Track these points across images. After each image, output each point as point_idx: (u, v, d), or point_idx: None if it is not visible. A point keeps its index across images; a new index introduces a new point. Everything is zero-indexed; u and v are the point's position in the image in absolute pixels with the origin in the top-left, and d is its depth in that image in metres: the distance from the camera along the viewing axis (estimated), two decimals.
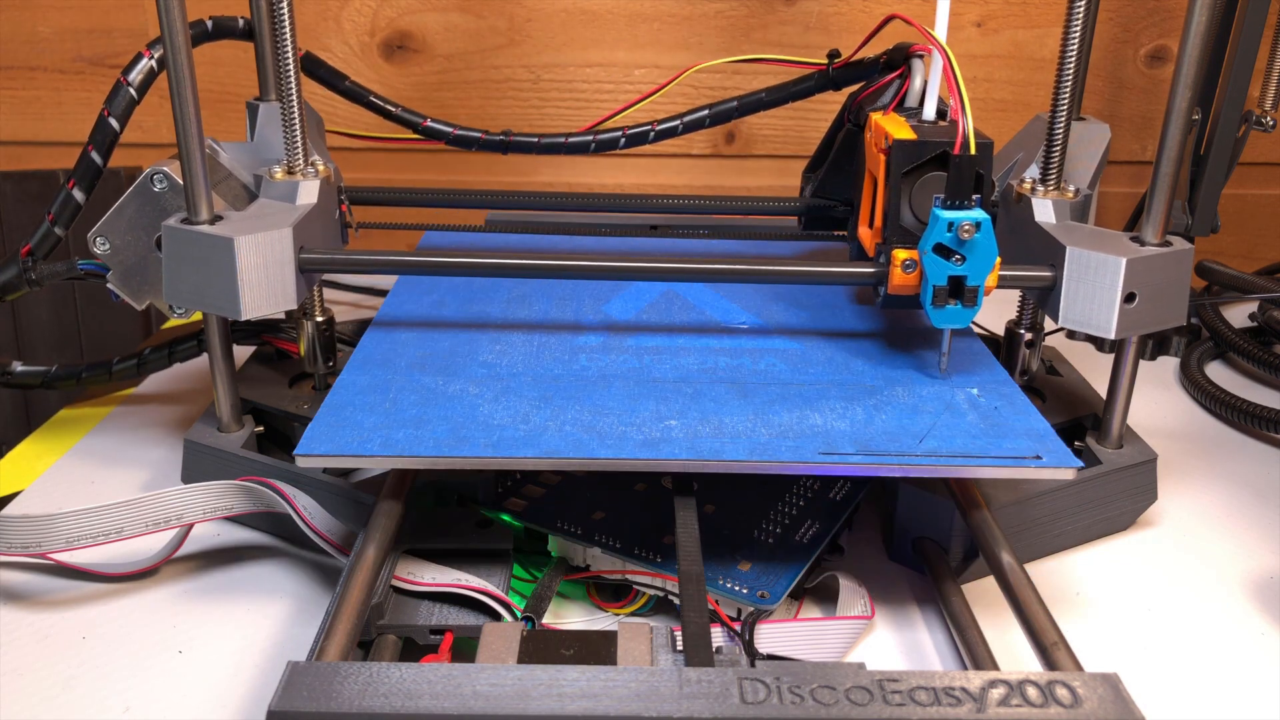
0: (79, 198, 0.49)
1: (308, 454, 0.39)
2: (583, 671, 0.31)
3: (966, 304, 0.43)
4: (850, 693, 0.31)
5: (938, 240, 0.42)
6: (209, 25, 0.52)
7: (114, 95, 0.48)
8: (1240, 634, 0.43)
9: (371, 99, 0.60)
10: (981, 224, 0.42)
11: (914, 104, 0.50)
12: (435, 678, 0.31)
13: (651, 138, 0.61)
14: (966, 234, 0.41)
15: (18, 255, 0.50)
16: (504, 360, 0.47)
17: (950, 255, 0.42)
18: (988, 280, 0.43)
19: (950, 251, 0.42)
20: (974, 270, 0.43)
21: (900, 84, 0.51)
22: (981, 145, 0.43)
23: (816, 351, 0.49)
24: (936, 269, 0.43)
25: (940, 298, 0.43)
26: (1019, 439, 0.41)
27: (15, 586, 0.44)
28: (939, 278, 0.43)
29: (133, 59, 0.49)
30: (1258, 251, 0.87)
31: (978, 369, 0.47)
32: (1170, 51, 0.81)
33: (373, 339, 0.49)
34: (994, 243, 0.42)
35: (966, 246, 0.42)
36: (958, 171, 0.42)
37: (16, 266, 0.51)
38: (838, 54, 0.57)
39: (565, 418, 0.42)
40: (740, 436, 0.41)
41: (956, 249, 0.42)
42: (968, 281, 0.43)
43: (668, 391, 0.44)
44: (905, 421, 0.42)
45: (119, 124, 0.49)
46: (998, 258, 0.43)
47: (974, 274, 0.43)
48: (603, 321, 0.52)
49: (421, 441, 0.40)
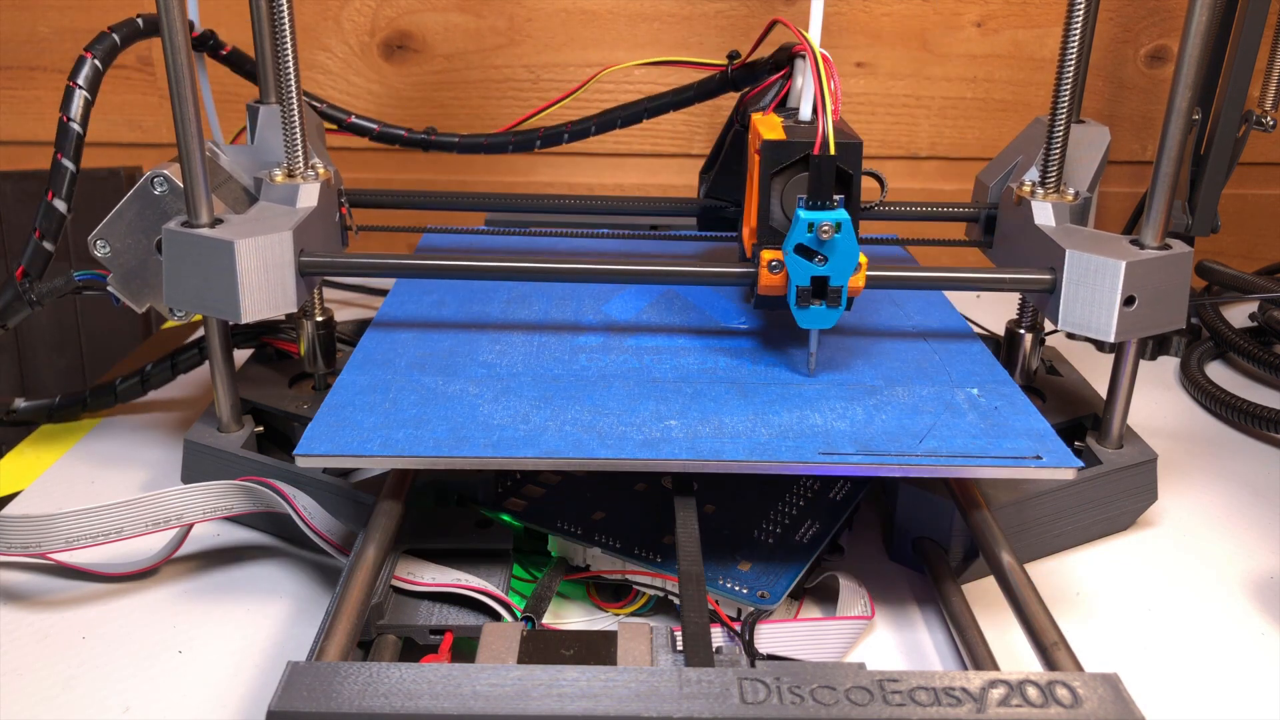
0: (61, 207, 0.49)
1: (308, 454, 0.39)
2: (582, 672, 0.31)
3: (830, 304, 0.43)
4: (850, 693, 0.31)
5: (799, 240, 0.42)
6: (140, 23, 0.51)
7: (68, 100, 0.48)
8: (1240, 634, 0.43)
9: None
10: (842, 224, 0.42)
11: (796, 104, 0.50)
12: (435, 678, 0.31)
13: (565, 139, 0.62)
14: (826, 234, 0.42)
15: (13, 279, 0.50)
16: (504, 360, 0.47)
17: (812, 256, 0.42)
18: (852, 281, 0.43)
19: (812, 252, 0.42)
20: (836, 270, 0.43)
21: (782, 85, 0.51)
22: (849, 145, 0.42)
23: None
24: (799, 269, 0.43)
25: (804, 298, 0.43)
26: (1019, 439, 0.41)
27: (15, 586, 0.44)
28: (801, 278, 0.43)
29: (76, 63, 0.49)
30: (1258, 251, 0.87)
31: (977, 369, 0.47)
32: (1170, 51, 0.81)
33: (372, 339, 0.49)
34: (855, 243, 0.42)
35: (827, 247, 0.42)
36: (817, 171, 0.42)
37: (13, 289, 0.50)
38: (737, 55, 0.57)
39: (565, 418, 0.42)
40: (740, 436, 0.41)
41: (817, 249, 0.42)
42: (831, 282, 0.43)
43: (668, 391, 0.44)
44: (905, 421, 0.42)
45: (80, 126, 0.49)
46: (861, 258, 0.43)
47: (836, 274, 0.43)
48: (603, 321, 0.52)
49: (421, 441, 0.40)
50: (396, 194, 0.60)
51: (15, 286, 0.50)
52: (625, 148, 0.83)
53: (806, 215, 0.42)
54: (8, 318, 0.50)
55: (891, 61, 0.81)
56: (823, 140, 0.42)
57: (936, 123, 0.83)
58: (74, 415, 0.57)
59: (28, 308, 0.51)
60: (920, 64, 0.81)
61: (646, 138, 0.83)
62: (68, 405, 0.57)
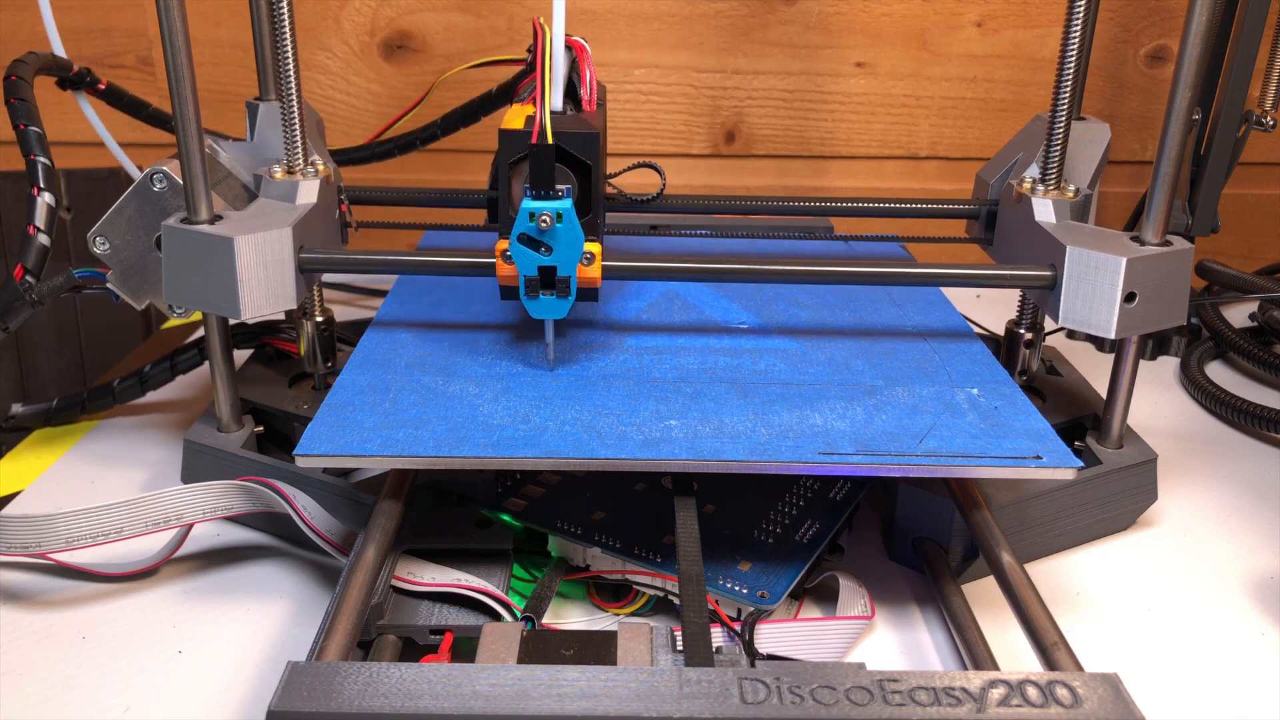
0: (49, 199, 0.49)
1: (307, 454, 0.39)
2: (582, 671, 0.31)
3: (560, 294, 0.43)
4: (850, 693, 0.31)
5: (521, 230, 0.42)
6: None
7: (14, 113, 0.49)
8: (1240, 634, 0.43)
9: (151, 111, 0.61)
10: (564, 214, 0.42)
11: None
12: (435, 678, 0.31)
13: (419, 144, 0.65)
14: (545, 224, 0.42)
15: (13, 280, 0.50)
16: (502, 360, 0.47)
17: (537, 246, 0.42)
18: (585, 271, 0.43)
19: (536, 242, 0.42)
20: (563, 260, 0.43)
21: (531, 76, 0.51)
22: (582, 135, 0.42)
23: (817, 351, 0.49)
24: (525, 259, 0.43)
25: (532, 288, 0.43)
26: (1019, 439, 0.41)
27: (15, 586, 0.44)
28: (529, 268, 0.43)
29: None
30: (1258, 251, 0.87)
31: (978, 369, 0.47)
32: (1170, 51, 0.81)
33: (372, 339, 0.49)
34: (579, 232, 0.42)
35: (550, 236, 0.42)
36: (535, 161, 0.42)
37: (14, 290, 0.50)
38: None
39: (565, 417, 0.42)
40: (740, 436, 0.41)
41: (540, 239, 0.42)
42: (559, 272, 0.43)
43: (668, 391, 0.44)
44: (905, 421, 0.42)
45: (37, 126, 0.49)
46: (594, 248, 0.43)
47: (564, 264, 0.43)
48: (603, 321, 0.52)
49: (421, 441, 0.40)
50: (396, 191, 0.60)
51: (15, 287, 0.50)
52: (625, 147, 0.83)
53: (528, 205, 0.42)
54: (9, 319, 0.50)
55: (891, 61, 0.81)
56: (540, 130, 0.42)
57: (936, 123, 0.83)
58: (72, 418, 0.57)
59: (29, 308, 0.51)
60: (920, 64, 0.81)
61: (646, 137, 0.83)
62: (65, 408, 0.57)
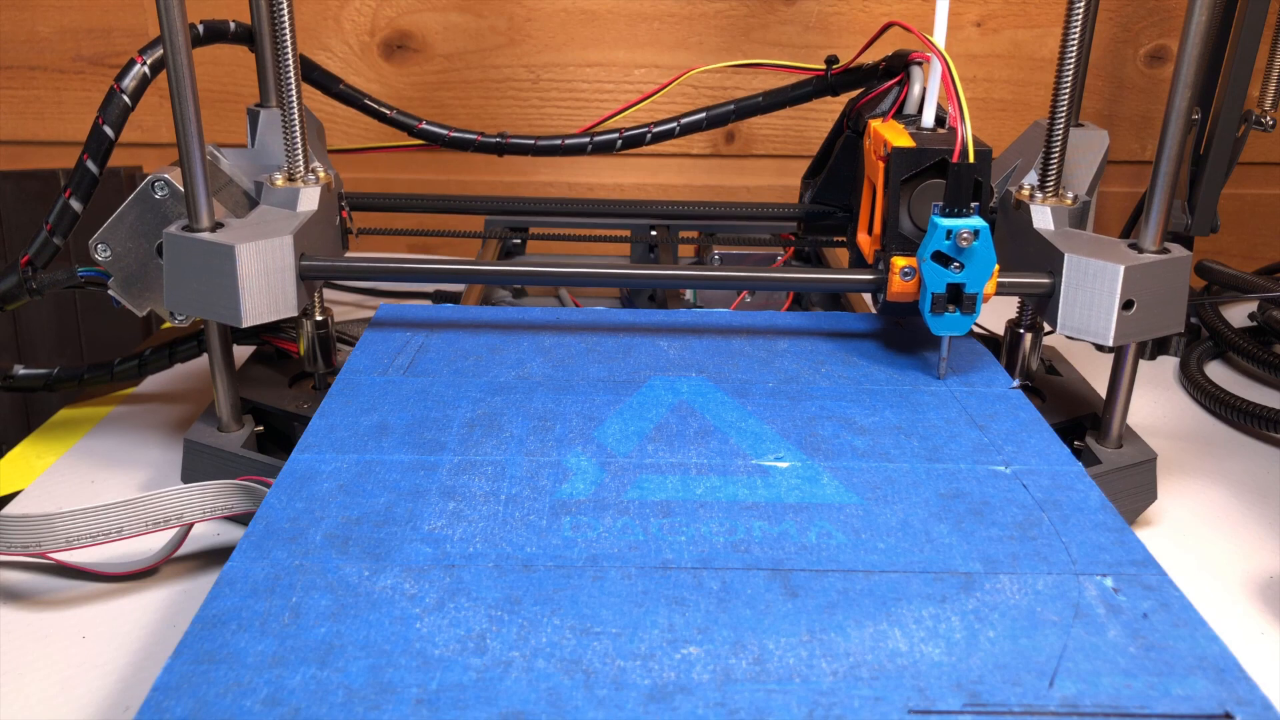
0: (76, 207, 0.49)
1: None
2: None
3: (965, 311, 0.43)
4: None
5: (936, 248, 0.42)
6: (200, 30, 0.51)
7: (108, 102, 0.48)
8: (1240, 634, 0.43)
9: (367, 102, 0.60)
10: (980, 231, 0.42)
11: (913, 111, 0.50)
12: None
13: (649, 139, 0.61)
14: (965, 241, 0.42)
15: (17, 265, 0.50)
16: (457, 529, 0.36)
17: (949, 263, 0.43)
18: (986, 287, 0.43)
19: (949, 259, 0.42)
20: (973, 277, 0.43)
21: (899, 91, 0.51)
22: (980, 153, 0.43)
23: (884, 510, 0.38)
24: (935, 276, 0.43)
25: (939, 305, 0.43)
26: (1191, 677, 0.30)
27: (15, 586, 0.44)
28: (938, 285, 0.43)
29: (126, 64, 0.48)
30: (1258, 251, 0.87)
31: (1102, 538, 0.37)
32: (1170, 51, 0.81)
33: (283, 492, 0.38)
34: (992, 250, 0.42)
35: (965, 254, 0.42)
36: (956, 179, 0.42)
37: (16, 276, 0.50)
38: (836, 60, 0.57)
39: (538, 642, 0.31)
40: (791, 680, 0.30)
41: (955, 256, 0.42)
42: (966, 289, 0.43)
43: (684, 588, 0.33)
44: (1022, 642, 0.31)
45: (114, 131, 0.49)
46: (996, 265, 0.43)
47: (973, 281, 0.43)
48: (595, 455, 0.41)
49: (325, 694, 0.29)
50: (397, 197, 0.61)
51: (19, 273, 0.50)
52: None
53: (945, 223, 0.42)
54: (8, 301, 0.50)
55: None
56: (962, 148, 0.42)
57: None
58: (71, 386, 0.57)
59: (27, 295, 0.51)
60: None
61: None
62: (65, 378, 0.56)
